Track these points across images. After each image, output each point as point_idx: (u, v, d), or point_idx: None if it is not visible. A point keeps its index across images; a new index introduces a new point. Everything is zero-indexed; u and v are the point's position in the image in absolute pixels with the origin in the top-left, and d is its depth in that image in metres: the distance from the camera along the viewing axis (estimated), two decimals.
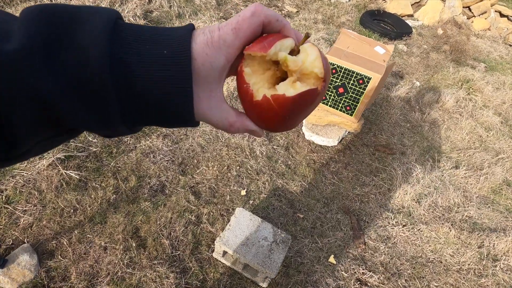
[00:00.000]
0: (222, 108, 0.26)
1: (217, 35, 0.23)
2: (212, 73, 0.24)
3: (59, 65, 0.20)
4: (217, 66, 0.24)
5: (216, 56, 0.23)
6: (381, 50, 1.98)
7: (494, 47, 4.35)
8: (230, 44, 0.24)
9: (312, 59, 0.25)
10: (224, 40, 0.23)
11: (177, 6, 3.06)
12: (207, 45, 0.23)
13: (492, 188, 2.09)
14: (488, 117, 2.78)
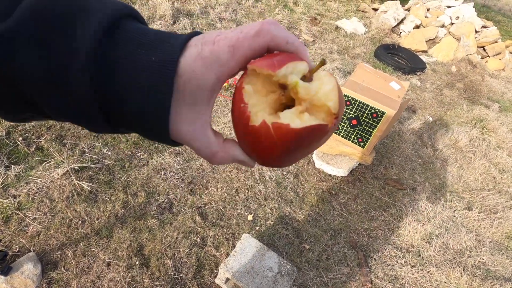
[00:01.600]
0: (205, 133, 0.23)
1: (209, 50, 0.21)
2: (199, 93, 0.21)
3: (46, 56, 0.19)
4: (205, 85, 0.21)
5: (205, 74, 0.21)
6: (396, 86, 2.01)
7: (509, 88, 4.35)
8: (224, 63, 0.21)
9: (326, 90, 0.21)
10: (217, 57, 0.21)
11: (199, 29, 3.20)
12: (196, 61, 0.20)
13: (506, 234, 2.02)
14: (502, 158, 2.74)
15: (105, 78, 0.20)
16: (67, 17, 0.19)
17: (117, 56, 0.20)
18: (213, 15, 3.63)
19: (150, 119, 0.21)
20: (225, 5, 3.96)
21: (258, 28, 0.21)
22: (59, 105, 0.20)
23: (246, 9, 4.20)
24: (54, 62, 0.19)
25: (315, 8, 5.00)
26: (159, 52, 0.20)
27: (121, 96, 0.20)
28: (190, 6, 3.62)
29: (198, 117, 0.22)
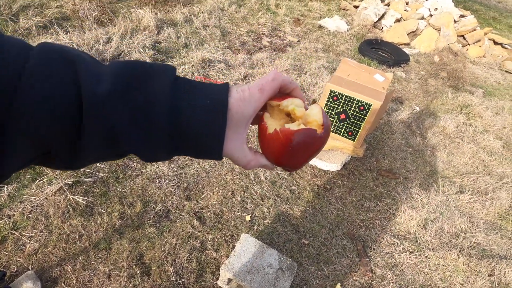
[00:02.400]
0: (243, 148, 0.33)
1: (248, 93, 0.31)
2: (243, 119, 0.31)
3: (134, 105, 0.27)
4: (247, 114, 0.31)
5: (247, 107, 0.31)
6: (381, 78, 2.06)
7: (491, 73, 4.48)
8: (257, 99, 0.31)
9: (315, 112, 0.33)
10: (253, 97, 0.31)
11: (184, 37, 3.23)
12: (241, 100, 0.30)
13: (498, 214, 2.07)
14: (490, 141, 2.81)
15: (178, 119, 0.28)
16: (144, 79, 0.28)
17: (182, 104, 0.28)
18: (197, 23, 3.66)
19: (209, 143, 0.30)
20: (208, 13, 4.00)
21: (273, 76, 0.33)
22: (141, 138, 0.28)
23: (229, 14, 4.25)
24: (140, 112, 0.27)
25: (297, 9, 5.08)
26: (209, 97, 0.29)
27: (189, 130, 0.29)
28: (173, 16, 3.65)
29: (239, 137, 0.32)
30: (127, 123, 0.27)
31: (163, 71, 0.29)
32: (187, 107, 0.28)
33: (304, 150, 0.33)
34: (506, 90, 4.15)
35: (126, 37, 2.86)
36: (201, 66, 2.85)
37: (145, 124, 0.27)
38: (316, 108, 0.33)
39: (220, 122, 0.29)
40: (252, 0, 4.86)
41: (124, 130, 0.27)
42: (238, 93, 0.31)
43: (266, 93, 0.32)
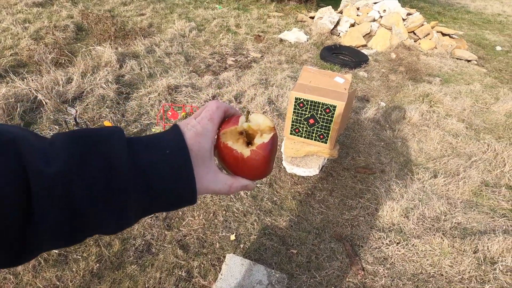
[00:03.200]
0: (219, 177, 0.34)
1: (200, 127, 0.32)
2: (206, 153, 0.32)
3: (93, 177, 0.25)
4: (207, 147, 0.32)
5: (205, 140, 0.32)
6: (341, 80, 2.15)
7: (444, 62, 4.79)
8: (211, 130, 0.33)
9: (262, 119, 0.37)
10: (206, 129, 0.33)
11: (147, 67, 3.23)
12: (196, 135, 0.31)
13: (472, 191, 2.15)
14: (453, 124, 2.96)
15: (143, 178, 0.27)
16: (97, 146, 0.26)
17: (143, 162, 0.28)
18: (159, 52, 3.69)
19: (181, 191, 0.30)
20: (169, 41, 4.05)
21: (217, 105, 0.35)
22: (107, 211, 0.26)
23: (191, 40, 4.33)
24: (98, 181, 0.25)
25: (257, 27, 5.26)
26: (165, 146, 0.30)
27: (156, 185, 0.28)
28: (135, 48, 3.66)
29: (210, 170, 0.33)
30: (88, 199, 0.25)
31: (113, 134, 0.28)
32: (149, 164, 0.28)
33: (274, 153, 0.38)
34: (460, 75, 4.44)
35: (87, 75, 2.83)
36: (167, 93, 2.85)
37: (109, 195, 0.25)
38: (260, 116, 0.37)
39: (186, 166, 0.29)
40: (212, 24, 4.99)
41: (86, 207, 0.25)
42: (190, 130, 0.31)
43: (216, 122, 0.34)
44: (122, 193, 0.26)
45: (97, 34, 3.71)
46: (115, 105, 2.59)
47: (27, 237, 0.23)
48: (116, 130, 0.29)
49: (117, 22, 4.23)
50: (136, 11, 5.08)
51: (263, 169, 0.37)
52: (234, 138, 0.36)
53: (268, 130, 0.36)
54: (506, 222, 1.92)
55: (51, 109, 2.38)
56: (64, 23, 3.93)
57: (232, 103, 2.86)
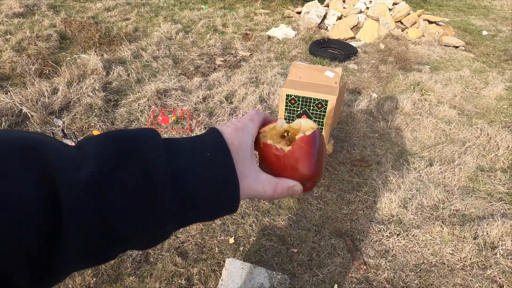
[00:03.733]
0: (261, 176, 0.31)
1: (240, 124, 0.31)
2: (247, 148, 0.29)
3: (129, 184, 0.22)
4: (248, 143, 0.30)
5: (246, 136, 0.30)
6: (331, 74, 2.13)
7: (432, 50, 4.81)
8: (251, 128, 0.32)
9: (304, 122, 0.35)
10: (246, 126, 0.31)
11: (135, 72, 3.18)
12: (237, 131, 0.30)
13: (468, 177, 2.15)
14: (446, 111, 2.97)
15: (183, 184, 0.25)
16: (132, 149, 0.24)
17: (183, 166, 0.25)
18: (146, 56, 3.63)
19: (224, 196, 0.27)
20: (156, 44, 3.99)
21: (255, 111, 0.34)
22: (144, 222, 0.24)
23: (178, 42, 4.27)
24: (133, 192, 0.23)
25: (244, 25, 5.22)
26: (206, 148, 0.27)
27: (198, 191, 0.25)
28: (121, 54, 3.59)
29: (252, 168, 0.30)
30: (123, 210, 0.22)
31: (149, 135, 0.25)
32: (190, 168, 0.25)
33: (322, 151, 0.34)
34: (449, 62, 4.46)
35: (73, 84, 2.76)
36: (157, 97, 2.80)
37: (147, 203, 0.23)
38: (302, 119, 0.35)
39: (229, 170, 0.27)
40: (198, 25, 4.93)
41: (120, 220, 0.22)
42: (229, 127, 0.30)
43: (256, 122, 0.33)
44: (160, 205, 0.23)
45: (82, 42, 3.64)
46: (104, 113, 2.54)
47: (55, 254, 0.20)
48: (151, 131, 0.26)
49: (102, 28, 4.15)
50: (120, 16, 4.99)
51: (309, 165, 0.33)
52: (275, 139, 0.34)
53: (310, 129, 0.34)
54: (503, 206, 1.92)
55: (38, 122, 2.32)
56: (46, 33, 3.84)
57: (223, 103, 2.82)
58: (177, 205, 0.25)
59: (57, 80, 2.83)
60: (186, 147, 0.27)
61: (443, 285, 1.49)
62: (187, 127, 2.46)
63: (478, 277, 1.53)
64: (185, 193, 0.25)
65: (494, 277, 1.53)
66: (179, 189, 0.24)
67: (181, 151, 0.26)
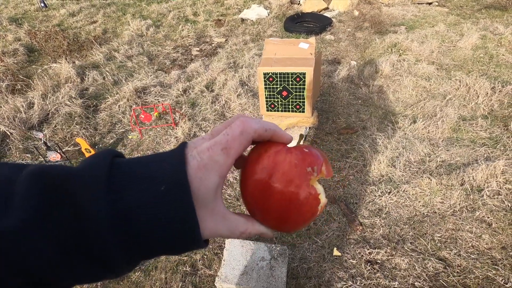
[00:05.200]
0: (227, 219, 0.26)
1: (207, 157, 0.24)
2: (209, 193, 0.24)
3: (60, 231, 0.20)
4: (212, 186, 0.24)
5: (210, 177, 0.23)
6: (305, 45, 2.12)
7: (406, 10, 4.79)
8: (222, 164, 0.24)
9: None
10: (215, 161, 0.24)
11: (110, 75, 3.11)
12: (200, 169, 0.23)
13: (451, 128, 2.21)
14: (424, 68, 3.00)
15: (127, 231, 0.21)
16: (65, 187, 0.21)
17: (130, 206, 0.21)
18: (120, 57, 3.54)
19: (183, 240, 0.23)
20: (128, 43, 3.89)
21: (241, 128, 0.25)
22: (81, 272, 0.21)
23: (150, 38, 4.17)
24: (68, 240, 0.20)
25: (216, 11, 5.10)
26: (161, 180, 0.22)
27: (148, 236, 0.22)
28: (93, 58, 3.50)
29: (214, 212, 0.25)
30: (50, 262, 0.20)
31: (89, 167, 0.22)
32: (137, 208, 0.21)
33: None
34: (424, 19, 4.46)
35: (48, 95, 2.70)
36: (136, 96, 2.76)
37: (82, 256, 0.20)
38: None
39: (187, 211, 0.22)
40: (168, 17, 4.80)
41: (47, 271, 0.20)
42: (194, 158, 0.23)
43: (233, 152, 0.24)
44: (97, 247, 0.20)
45: (50, 52, 3.52)
46: (85, 120, 2.50)
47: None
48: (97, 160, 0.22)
49: (69, 35, 4.02)
50: (86, 20, 4.83)
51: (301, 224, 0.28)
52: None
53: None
54: (486, 150, 1.99)
55: (18, 138, 2.28)
56: (12, 47, 3.71)
57: (204, 93, 2.80)
58: (124, 251, 0.21)
59: (31, 94, 2.75)
60: (139, 176, 0.22)
61: (436, 232, 1.56)
62: (171, 121, 2.44)
63: (468, 219, 1.60)
64: (133, 238, 0.21)
65: (483, 217, 1.60)
66: (125, 233, 0.21)
67: (132, 182, 0.22)
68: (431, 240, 1.53)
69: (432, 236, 1.54)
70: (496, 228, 1.55)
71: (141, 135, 2.36)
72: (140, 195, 0.21)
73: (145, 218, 0.21)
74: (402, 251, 1.49)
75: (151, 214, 0.21)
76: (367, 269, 1.42)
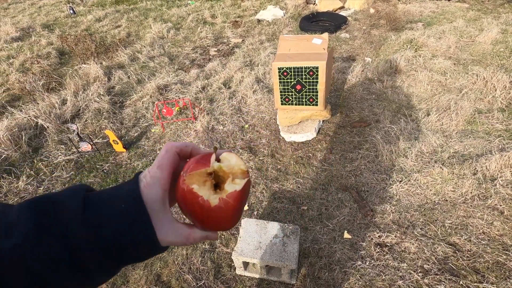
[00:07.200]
0: (174, 227, 0.32)
1: (149, 177, 0.31)
2: (156, 204, 0.30)
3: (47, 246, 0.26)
4: (157, 198, 0.30)
5: (153, 191, 0.31)
6: (318, 41, 2.20)
7: (424, 6, 4.74)
8: (160, 177, 0.31)
9: (234, 161, 0.33)
10: (155, 178, 0.31)
11: (134, 74, 3.31)
12: (145, 187, 0.30)
13: (466, 120, 2.21)
14: (440, 63, 2.99)
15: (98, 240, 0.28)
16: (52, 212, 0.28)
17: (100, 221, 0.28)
18: (143, 58, 3.76)
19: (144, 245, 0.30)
20: (150, 45, 4.11)
21: (165, 148, 0.33)
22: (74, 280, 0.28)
23: (171, 39, 4.37)
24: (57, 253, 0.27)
25: (233, 13, 5.26)
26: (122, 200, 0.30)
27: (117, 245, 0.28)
28: (118, 59, 3.74)
29: (163, 220, 0.31)
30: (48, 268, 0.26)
31: (70, 196, 0.29)
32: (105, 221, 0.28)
33: (245, 201, 0.34)
34: (442, 15, 4.40)
35: (79, 93, 2.92)
36: (159, 93, 2.93)
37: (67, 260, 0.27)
38: (232, 156, 0.33)
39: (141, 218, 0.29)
40: (188, 20, 5.01)
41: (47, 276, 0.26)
42: (141, 180, 0.31)
43: (165, 167, 0.32)
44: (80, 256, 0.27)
45: (80, 54, 3.79)
46: (112, 115, 2.69)
47: None
48: (74, 192, 0.29)
49: (96, 38, 4.29)
50: (111, 25, 5.12)
51: (230, 221, 0.33)
52: (201, 180, 0.31)
53: (240, 174, 0.32)
54: (501, 142, 1.98)
55: (54, 131, 2.50)
56: (46, 51, 4.02)
57: (221, 89, 2.93)
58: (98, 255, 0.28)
59: (64, 92, 2.99)
60: (106, 200, 0.29)
61: (447, 219, 1.59)
62: (191, 115, 2.59)
63: (479, 207, 1.62)
64: (103, 243, 0.27)
65: (495, 205, 1.61)
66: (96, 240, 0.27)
67: (101, 205, 0.29)
68: (442, 226, 1.56)
69: (443, 223, 1.58)
70: (508, 216, 1.56)
71: (163, 128, 2.52)
72: (107, 213, 0.28)
73: (113, 228, 0.28)
74: (411, 235, 1.53)
75: (115, 226, 0.28)
76: (376, 251, 1.48)
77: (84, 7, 6.27)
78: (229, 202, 0.31)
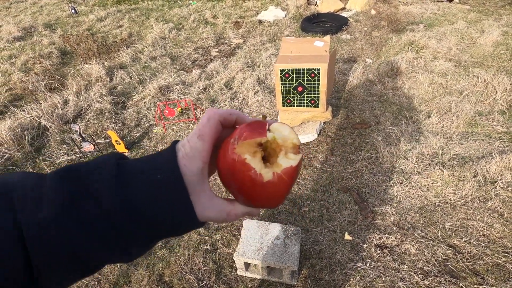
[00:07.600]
0: (214, 202, 0.29)
1: (188, 147, 0.28)
2: (195, 178, 0.28)
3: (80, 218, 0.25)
4: (195, 171, 0.28)
5: (193, 163, 0.28)
6: (320, 43, 2.21)
7: (425, 8, 4.75)
8: (201, 149, 0.28)
9: (287, 133, 0.29)
10: (195, 149, 0.28)
11: (136, 74, 3.33)
12: (184, 158, 0.27)
13: (466, 123, 2.22)
14: (441, 65, 3.00)
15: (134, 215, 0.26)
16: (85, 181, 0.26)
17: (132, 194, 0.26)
18: (144, 58, 3.77)
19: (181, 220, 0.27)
20: (151, 45, 4.12)
21: (207, 115, 0.30)
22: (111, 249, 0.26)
23: (172, 40, 4.38)
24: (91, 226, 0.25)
25: (234, 14, 5.27)
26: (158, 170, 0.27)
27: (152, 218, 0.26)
28: (120, 59, 3.75)
29: (202, 195, 0.28)
30: (81, 240, 0.24)
31: (102, 166, 0.27)
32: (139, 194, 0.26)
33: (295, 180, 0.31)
34: (443, 17, 4.41)
35: (82, 93, 2.94)
36: (160, 94, 2.95)
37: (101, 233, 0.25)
38: (285, 127, 0.30)
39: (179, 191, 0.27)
40: (189, 20, 5.02)
41: (81, 249, 0.25)
42: (180, 150, 0.28)
43: (208, 137, 0.29)
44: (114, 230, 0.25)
45: (82, 54, 3.80)
46: (114, 115, 2.71)
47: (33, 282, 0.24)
48: (106, 160, 0.27)
49: (98, 38, 4.31)
50: (113, 25, 5.14)
51: (281, 199, 0.30)
52: (251, 150, 0.28)
53: (293, 149, 0.29)
54: (502, 144, 1.99)
55: (56, 131, 2.51)
56: (48, 51, 4.03)
57: (223, 90, 2.94)
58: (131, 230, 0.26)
59: (66, 92, 3.01)
60: (140, 170, 0.27)
61: (447, 221, 1.60)
62: (192, 116, 2.60)
63: (479, 209, 1.63)
64: (137, 216, 0.26)
65: (496, 207, 1.62)
66: (131, 214, 0.25)
67: (135, 175, 0.26)
68: (442, 228, 1.57)
69: (443, 225, 1.59)
70: (508, 218, 1.57)
71: (165, 129, 2.53)
72: (141, 184, 0.26)
73: (147, 201, 0.26)
74: (412, 237, 1.55)
75: (152, 197, 0.26)
76: (377, 253, 1.49)
77: (85, 6, 6.28)
78: (284, 178, 0.28)
